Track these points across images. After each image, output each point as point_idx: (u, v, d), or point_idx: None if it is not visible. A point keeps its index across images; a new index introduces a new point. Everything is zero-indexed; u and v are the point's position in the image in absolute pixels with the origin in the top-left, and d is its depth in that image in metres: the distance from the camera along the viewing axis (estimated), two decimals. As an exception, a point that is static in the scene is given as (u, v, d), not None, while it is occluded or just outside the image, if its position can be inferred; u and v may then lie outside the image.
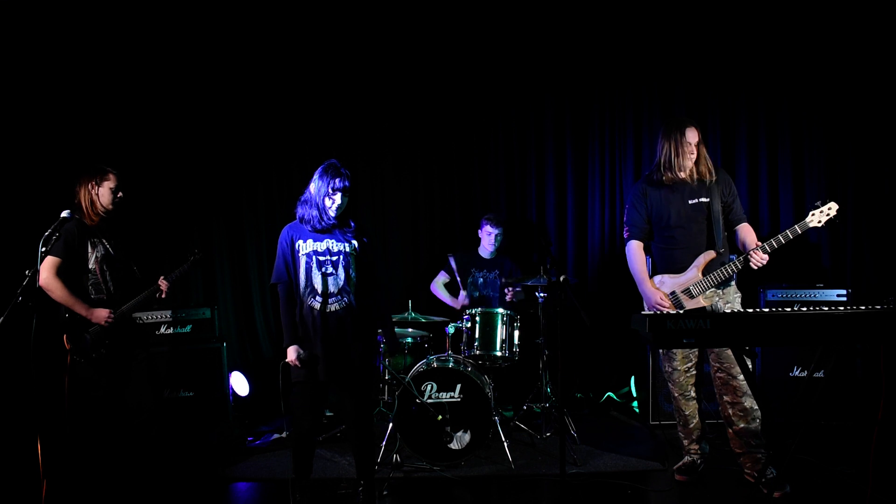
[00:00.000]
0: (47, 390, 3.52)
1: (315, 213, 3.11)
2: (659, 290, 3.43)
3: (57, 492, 3.50)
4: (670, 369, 3.55)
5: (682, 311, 2.50)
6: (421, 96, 5.30)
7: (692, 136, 3.36)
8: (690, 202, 3.39)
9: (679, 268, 3.42)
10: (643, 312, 2.45)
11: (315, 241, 3.12)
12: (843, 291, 4.40)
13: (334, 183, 3.06)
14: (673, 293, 3.41)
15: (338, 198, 3.07)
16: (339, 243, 3.13)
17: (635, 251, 3.56)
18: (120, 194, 3.52)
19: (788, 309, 2.42)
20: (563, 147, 5.36)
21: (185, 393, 4.44)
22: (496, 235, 4.80)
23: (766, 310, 2.41)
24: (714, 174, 3.41)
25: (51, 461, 3.69)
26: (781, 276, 4.68)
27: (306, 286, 3.10)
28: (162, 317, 4.48)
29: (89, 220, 3.45)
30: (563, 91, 5.32)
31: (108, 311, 3.40)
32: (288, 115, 5.27)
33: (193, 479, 3.88)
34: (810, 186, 5.03)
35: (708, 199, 3.37)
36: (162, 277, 3.62)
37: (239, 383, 4.95)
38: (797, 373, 4.39)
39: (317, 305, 3.09)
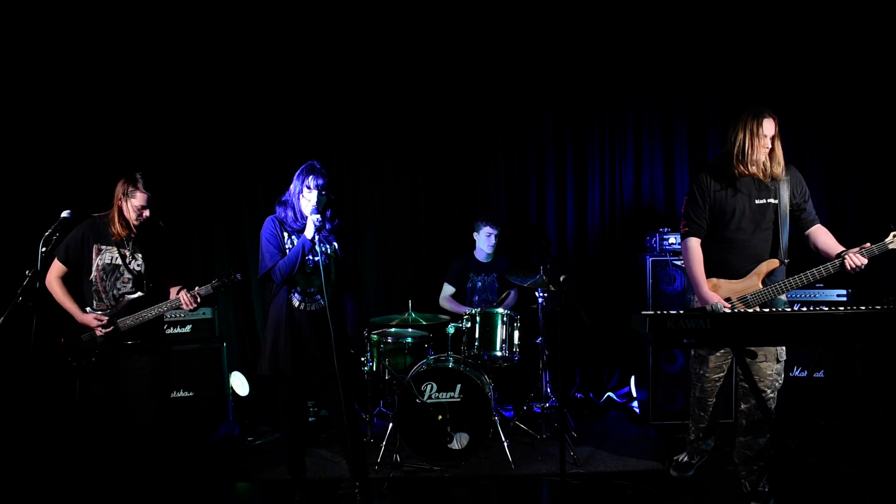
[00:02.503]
0: (47, 390, 3.51)
1: (290, 213, 3.14)
2: (717, 295, 3.13)
3: (57, 492, 3.51)
4: (701, 372, 3.40)
5: None
6: (421, 96, 5.29)
7: (769, 127, 3.08)
8: (758, 202, 3.12)
9: (734, 273, 3.15)
10: (644, 312, 2.44)
11: (298, 239, 3.13)
12: (843, 291, 4.40)
13: (308, 181, 3.09)
14: (728, 300, 3.12)
15: (312, 196, 3.08)
16: (321, 244, 3.14)
17: (694, 249, 3.23)
18: (146, 213, 3.25)
19: (788, 309, 2.42)
20: (563, 147, 5.36)
21: (185, 393, 4.43)
22: (496, 235, 4.79)
23: (766, 310, 2.41)
24: (785, 172, 3.13)
25: (53, 461, 3.70)
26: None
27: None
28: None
29: (115, 226, 3.23)
30: (563, 91, 5.31)
31: (95, 316, 3.20)
32: (288, 116, 5.26)
33: (193, 479, 3.88)
34: (810, 186, 4.97)
35: (776, 201, 3.11)
36: (184, 291, 3.26)
37: (239, 383, 4.95)
38: (797, 373, 4.39)
39: (295, 302, 3.12)
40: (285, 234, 3.15)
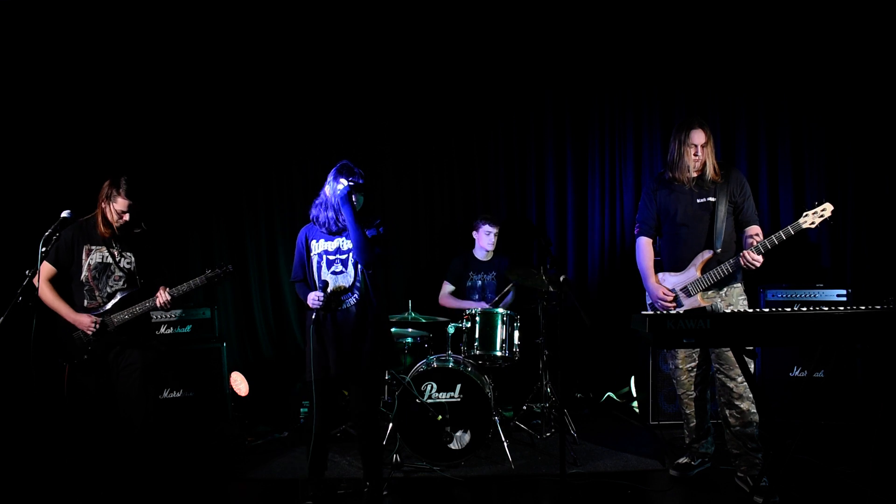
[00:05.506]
0: (47, 390, 3.50)
1: (332, 214, 3.15)
2: (662, 286, 3.48)
3: (57, 492, 3.51)
4: (673, 367, 3.59)
5: (680, 310, 2.50)
6: (421, 96, 5.29)
7: (697, 137, 3.36)
8: (699, 201, 3.41)
9: (681, 266, 3.45)
10: (643, 312, 2.45)
11: (326, 240, 3.20)
12: (843, 291, 4.40)
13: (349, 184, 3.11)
14: (673, 290, 3.46)
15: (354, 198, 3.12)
16: (350, 241, 3.15)
17: (643, 247, 3.61)
18: (126, 217, 3.28)
19: (788, 309, 2.42)
20: (563, 147, 5.35)
21: (185, 393, 4.43)
22: (495, 234, 4.79)
23: (766, 310, 2.41)
24: (724, 174, 3.41)
25: (53, 460, 3.69)
26: (781, 276, 4.68)
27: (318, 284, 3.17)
28: (162, 317, 4.47)
29: (101, 227, 3.29)
30: (563, 91, 5.31)
31: (90, 317, 3.24)
32: (287, 116, 5.26)
33: (194, 478, 3.88)
34: (810, 186, 5.02)
35: (715, 199, 3.38)
36: (162, 288, 3.36)
37: (239, 383, 4.94)
38: (797, 373, 4.39)
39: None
40: (312, 242, 3.21)
